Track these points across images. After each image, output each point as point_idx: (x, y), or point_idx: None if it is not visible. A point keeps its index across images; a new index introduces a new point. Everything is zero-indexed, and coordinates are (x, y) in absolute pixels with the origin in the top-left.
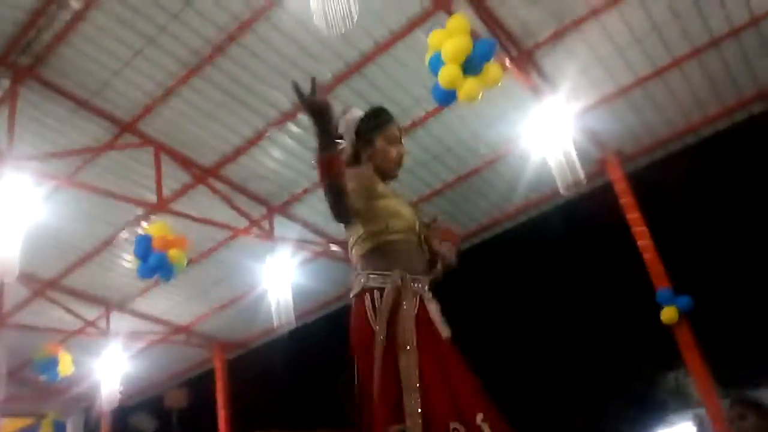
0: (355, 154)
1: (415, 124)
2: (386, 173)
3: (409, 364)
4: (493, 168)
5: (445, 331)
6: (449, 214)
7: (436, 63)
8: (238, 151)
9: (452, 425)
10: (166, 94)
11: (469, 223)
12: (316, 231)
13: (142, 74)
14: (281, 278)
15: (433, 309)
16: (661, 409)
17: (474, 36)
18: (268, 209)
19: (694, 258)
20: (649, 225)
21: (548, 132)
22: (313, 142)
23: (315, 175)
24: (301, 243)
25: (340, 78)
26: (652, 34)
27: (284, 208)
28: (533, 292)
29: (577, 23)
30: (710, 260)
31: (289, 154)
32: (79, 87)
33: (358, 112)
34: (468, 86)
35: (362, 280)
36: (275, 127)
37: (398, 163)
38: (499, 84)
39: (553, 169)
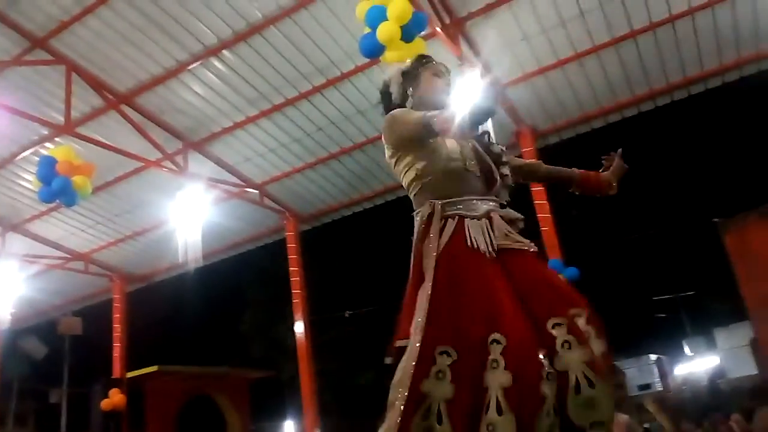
0: (402, 97)
1: (343, 77)
2: (435, 106)
3: (423, 291)
4: None
5: (517, 244)
6: (367, 170)
7: (374, 16)
8: (156, 81)
9: (440, 348)
10: (83, 12)
11: (378, 179)
12: (232, 171)
13: None
14: (191, 215)
15: (477, 229)
16: None
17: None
18: (183, 144)
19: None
20: (550, 201)
21: (468, 99)
22: (235, 80)
23: (236, 114)
24: (215, 182)
25: (272, 20)
26: (576, 20)
27: (200, 145)
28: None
29: None
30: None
31: (210, 90)
32: None
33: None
34: (398, 49)
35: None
36: (199, 61)
37: (446, 93)
38: (428, 50)
39: None
